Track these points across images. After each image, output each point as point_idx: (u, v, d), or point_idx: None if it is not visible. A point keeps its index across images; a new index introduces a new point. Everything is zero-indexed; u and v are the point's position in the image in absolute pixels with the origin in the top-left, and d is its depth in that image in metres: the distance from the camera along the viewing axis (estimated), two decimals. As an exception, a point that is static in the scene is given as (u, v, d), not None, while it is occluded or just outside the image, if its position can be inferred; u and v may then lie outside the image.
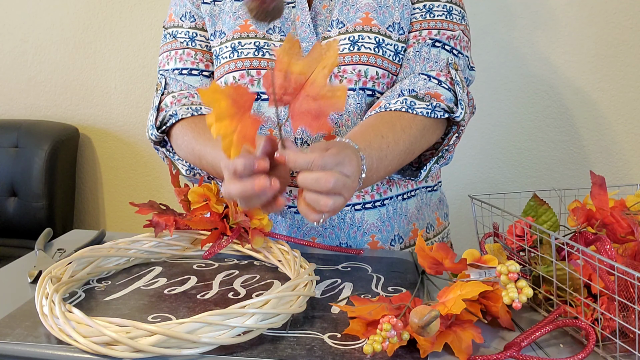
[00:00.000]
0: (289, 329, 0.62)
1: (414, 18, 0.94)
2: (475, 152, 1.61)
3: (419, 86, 0.89)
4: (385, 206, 0.95)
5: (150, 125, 0.97)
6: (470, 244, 0.76)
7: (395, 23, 0.92)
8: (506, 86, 1.56)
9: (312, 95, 0.60)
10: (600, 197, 0.66)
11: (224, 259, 0.84)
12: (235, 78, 0.93)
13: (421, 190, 1.01)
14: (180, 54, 0.99)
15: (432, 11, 0.93)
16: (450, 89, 0.89)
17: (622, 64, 1.48)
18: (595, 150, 1.54)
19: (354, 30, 0.91)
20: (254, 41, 0.93)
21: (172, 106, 0.95)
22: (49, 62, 1.91)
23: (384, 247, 0.95)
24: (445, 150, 0.93)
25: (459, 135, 0.92)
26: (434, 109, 0.87)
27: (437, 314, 0.55)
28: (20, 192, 1.84)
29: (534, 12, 1.51)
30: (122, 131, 1.90)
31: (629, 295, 0.57)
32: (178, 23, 1.00)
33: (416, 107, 0.86)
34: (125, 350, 0.55)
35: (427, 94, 0.88)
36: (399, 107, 0.86)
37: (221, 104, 0.60)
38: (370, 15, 0.92)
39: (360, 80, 0.90)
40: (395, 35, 0.92)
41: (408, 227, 0.98)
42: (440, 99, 0.87)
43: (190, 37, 0.99)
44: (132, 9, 1.82)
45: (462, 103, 0.88)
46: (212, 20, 0.97)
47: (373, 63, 0.91)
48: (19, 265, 0.83)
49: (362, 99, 0.91)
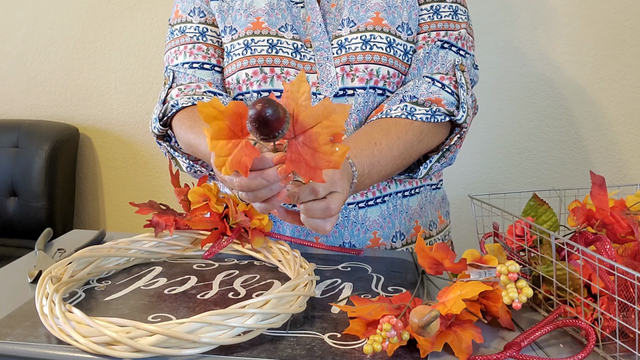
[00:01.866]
0: (289, 329, 0.62)
1: (422, 19, 0.95)
2: (475, 152, 1.61)
3: (421, 91, 0.91)
4: (385, 203, 0.96)
5: (154, 118, 0.96)
6: (470, 244, 0.76)
7: (404, 23, 0.94)
8: (506, 86, 1.56)
9: (313, 146, 0.60)
10: (600, 197, 0.66)
11: (224, 259, 0.84)
12: (248, 75, 0.93)
13: (425, 188, 1.01)
14: (190, 48, 0.98)
15: (439, 12, 0.95)
16: (453, 93, 0.91)
17: (622, 64, 1.48)
18: (595, 150, 1.54)
19: (365, 30, 0.92)
20: (267, 39, 0.93)
21: (177, 98, 0.95)
22: (49, 62, 1.91)
23: (386, 244, 0.95)
24: (446, 150, 0.94)
25: (461, 136, 0.93)
26: (433, 114, 0.88)
27: (437, 314, 0.55)
28: (20, 192, 1.84)
29: (534, 12, 1.51)
30: (122, 131, 1.90)
31: (628, 295, 0.57)
32: (186, 19, 0.99)
33: (416, 113, 0.88)
34: (125, 350, 0.55)
35: (427, 100, 0.90)
36: (399, 113, 0.88)
37: (218, 124, 0.59)
38: (380, 15, 0.93)
39: (372, 79, 0.91)
40: (405, 35, 0.94)
41: (410, 224, 0.98)
42: (441, 104, 0.89)
43: (200, 32, 0.98)
44: (132, 9, 1.82)
45: (464, 106, 0.90)
46: (221, 16, 0.97)
47: (385, 62, 0.92)
48: (19, 265, 0.83)
49: (372, 98, 0.92)
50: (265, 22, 0.93)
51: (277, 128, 0.57)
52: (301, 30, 0.94)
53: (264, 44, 0.93)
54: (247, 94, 0.94)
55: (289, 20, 0.94)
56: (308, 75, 0.91)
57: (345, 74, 0.91)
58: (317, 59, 0.92)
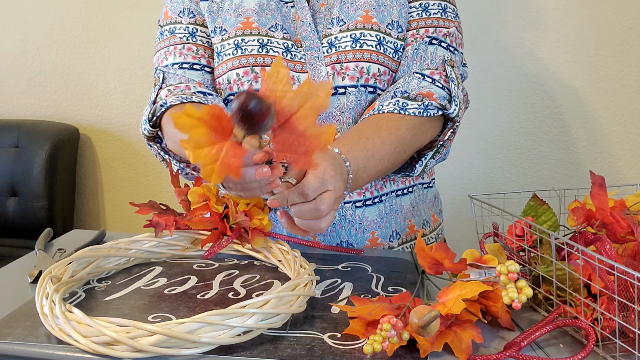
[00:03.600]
0: (289, 329, 0.62)
1: (411, 17, 0.96)
2: (475, 152, 1.61)
3: (412, 86, 0.91)
4: (382, 202, 0.96)
5: (144, 120, 0.95)
6: (470, 244, 0.76)
7: (394, 21, 0.94)
8: (506, 86, 1.56)
9: (299, 132, 0.58)
10: (600, 197, 0.66)
11: (224, 259, 0.84)
12: (239, 75, 0.93)
13: (418, 187, 1.02)
14: (180, 48, 0.98)
15: (427, 10, 0.96)
16: (444, 87, 0.91)
17: (622, 64, 1.48)
18: (595, 150, 1.54)
19: (355, 28, 0.92)
20: (257, 38, 0.93)
21: (165, 98, 0.93)
22: (49, 62, 1.91)
23: (384, 244, 0.96)
24: (440, 146, 0.94)
25: (454, 130, 0.94)
26: (426, 108, 0.89)
27: (437, 314, 0.55)
28: (20, 192, 1.84)
29: (534, 12, 1.51)
30: (122, 131, 1.90)
31: (628, 295, 0.57)
32: (176, 19, 0.99)
33: (408, 107, 0.88)
34: (126, 350, 0.55)
35: (419, 94, 0.90)
36: (392, 108, 0.88)
37: (198, 131, 0.56)
38: (370, 13, 0.93)
39: (362, 77, 0.92)
40: (395, 33, 0.94)
41: (404, 223, 0.98)
42: (433, 98, 0.90)
43: (190, 32, 0.98)
44: (132, 9, 1.82)
45: (456, 100, 0.91)
46: (211, 17, 0.97)
47: (375, 60, 0.92)
48: (19, 265, 0.83)
49: (363, 96, 0.92)
50: (255, 22, 0.94)
51: (262, 119, 0.56)
52: (291, 30, 0.94)
53: (255, 44, 0.93)
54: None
55: (279, 20, 0.94)
56: (299, 75, 0.92)
57: (336, 72, 0.91)
58: (308, 59, 0.92)
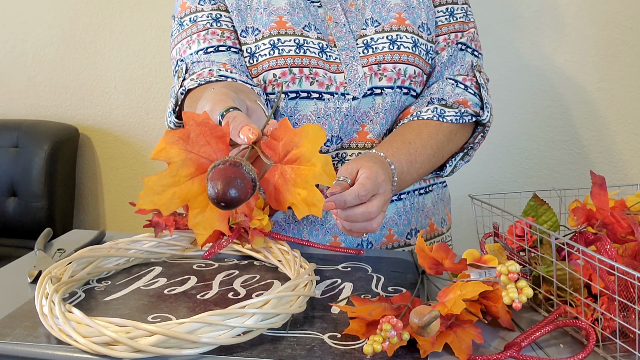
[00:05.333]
0: (289, 329, 0.62)
1: (440, 21, 0.98)
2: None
3: (447, 93, 0.94)
4: (402, 200, 0.97)
5: (169, 112, 0.92)
6: (470, 244, 0.76)
7: (424, 24, 0.96)
8: (506, 86, 1.56)
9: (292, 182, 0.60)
10: (601, 197, 0.65)
11: (224, 259, 0.84)
12: (275, 75, 0.90)
13: (437, 185, 1.04)
14: (204, 34, 0.93)
15: (453, 14, 0.98)
16: (475, 94, 0.95)
17: (622, 64, 1.48)
18: (595, 150, 1.54)
19: (390, 30, 0.93)
20: (294, 38, 0.91)
21: (185, 85, 0.89)
22: (49, 62, 1.91)
23: (400, 241, 0.97)
24: (470, 148, 0.98)
25: (484, 135, 0.98)
26: (462, 115, 0.92)
27: (437, 314, 0.55)
28: (20, 192, 1.84)
29: (535, 12, 1.51)
30: (122, 131, 1.90)
31: (629, 295, 0.57)
32: (196, 8, 0.95)
33: (446, 115, 0.92)
34: (125, 350, 0.55)
35: (455, 102, 0.94)
36: (430, 115, 0.92)
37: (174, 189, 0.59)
38: (402, 15, 0.94)
39: (399, 78, 0.93)
40: (425, 35, 0.96)
41: (425, 221, 1.00)
42: (468, 105, 0.93)
43: (214, 18, 0.94)
44: (132, 9, 1.82)
45: (487, 106, 0.94)
46: (240, 16, 0.93)
47: (412, 62, 0.93)
48: (19, 265, 0.83)
49: (398, 97, 0.94)
50: (289, 22, 0.92)
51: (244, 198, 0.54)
52: (323, 30, 0.93)
53: (291, 44, 0.90)
54: (272, 95, 0.92)
55: (311, 20, 0.93)
56: (335, 75, 0.91)
57: (374, 73, 0.92)
58: (343, 59, 0.92)
